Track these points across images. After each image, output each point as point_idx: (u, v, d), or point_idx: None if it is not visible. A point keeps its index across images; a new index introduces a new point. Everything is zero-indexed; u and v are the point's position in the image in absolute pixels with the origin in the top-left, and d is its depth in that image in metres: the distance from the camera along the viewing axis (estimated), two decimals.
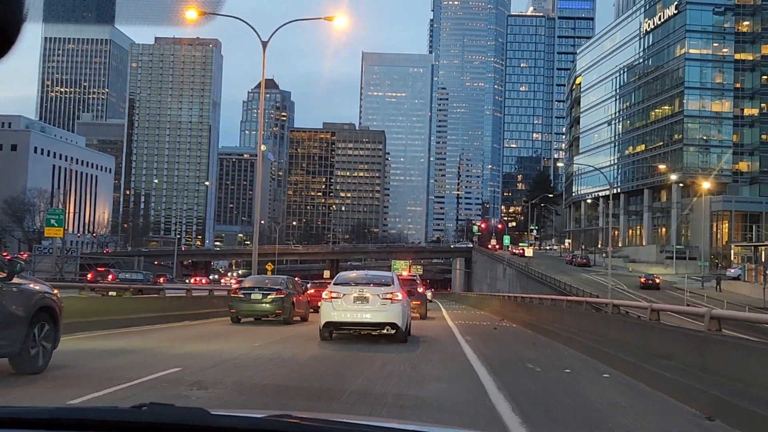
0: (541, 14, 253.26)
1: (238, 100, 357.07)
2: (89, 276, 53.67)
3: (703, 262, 62.31)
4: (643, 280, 63.71)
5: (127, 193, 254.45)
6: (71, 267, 74.01)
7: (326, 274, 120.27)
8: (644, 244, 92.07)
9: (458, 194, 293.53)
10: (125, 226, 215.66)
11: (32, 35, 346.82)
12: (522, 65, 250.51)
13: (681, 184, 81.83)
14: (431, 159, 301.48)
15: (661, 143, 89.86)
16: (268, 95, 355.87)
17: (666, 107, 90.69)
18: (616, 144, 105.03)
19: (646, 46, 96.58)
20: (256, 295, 21.49)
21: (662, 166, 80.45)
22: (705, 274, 63.18)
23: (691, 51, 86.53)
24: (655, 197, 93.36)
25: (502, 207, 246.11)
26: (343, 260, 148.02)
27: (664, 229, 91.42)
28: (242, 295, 21.78)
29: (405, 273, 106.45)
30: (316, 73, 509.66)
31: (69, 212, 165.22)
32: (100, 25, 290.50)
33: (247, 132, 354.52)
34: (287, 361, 11.65)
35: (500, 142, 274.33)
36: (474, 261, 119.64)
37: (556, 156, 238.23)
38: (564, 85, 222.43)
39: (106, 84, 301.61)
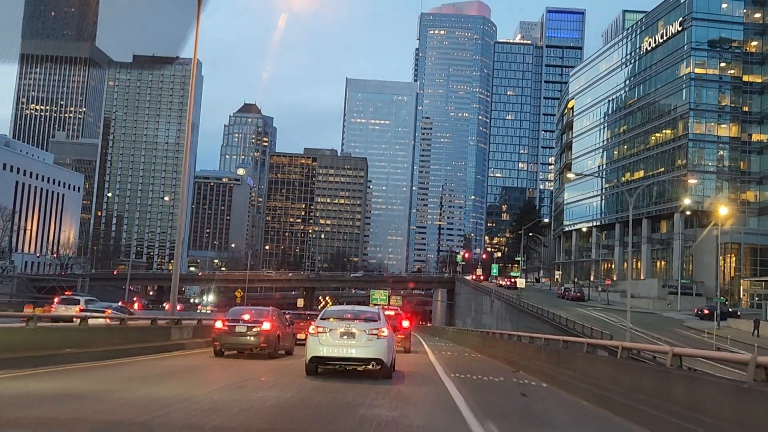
0: (529, 42, 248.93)
1: (219, 125, 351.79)
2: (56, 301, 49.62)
3: (719, 298, 55.39)
4: (706, 311, 57.18)
5: (99, 214, 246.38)
6: (8, 288, 66.18)
7: (300, 302, 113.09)
8: (642, 277, 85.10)
9: (440, 225, 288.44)
10: (95, 248, 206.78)
11: (9, 51, 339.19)
12: (509, 93, 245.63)
13: (688, 212, 75.04)
14: (414, 188, 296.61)
15: (663, 169, 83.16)
16: (250, 120, 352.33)
17: (668, 131, 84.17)
18: (612, 170, 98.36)
19: (645, 66, 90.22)
20: (241, 328, 20.49)
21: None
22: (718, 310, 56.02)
23: (697, 71, 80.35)
24: (654, 228, 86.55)
25: (486, 238, 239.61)
26: (319, 288, 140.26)
27: (663, 263, 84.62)
28: (227, 328, 20.54)
29: (384, 303, 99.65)
30: (300, 101, 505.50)
31: (30, 231, 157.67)
32: (80, 43, 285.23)
33: (227, 156, 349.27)
34: (254, 406, 10.08)
35: (483, 173, 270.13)
36: (457, 292, 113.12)
37: (542, 186, 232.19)
38: (552, 115, 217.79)
39: (83, 103, 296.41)
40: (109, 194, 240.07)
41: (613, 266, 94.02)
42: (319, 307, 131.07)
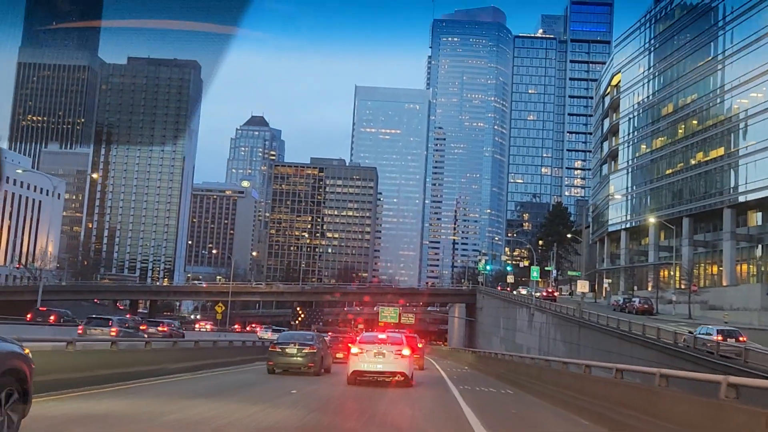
0: (552, 36, 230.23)
1: (227, 139, 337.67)
2: (28, 317, 51.25)
3: None
4: None
5: (90, 225, 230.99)
6: None
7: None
8: (725, 284, 65.63)
9: (454, 240, 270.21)
10: (86, 263, 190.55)
11: (7, 61, 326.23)
12: (530, 91, 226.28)
13: None
14: (426, 201, 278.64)
15: (754, 142, 63.72)
16: (257, 132, 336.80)
17: (757, 94, 64.56)
18: (676, 152, 78.69)
19: (726, 13, 70.66)
20: (291, 349, 24.49)
21: None
22: None
23: None
24: (739, 221, 66.99)
25: (506, 249, 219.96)
26: (317, 302, 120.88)
27: (752, 266, 65.19)
28: (279, 349, 24.69)
29: (393, 322, 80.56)
30: (309, 117, 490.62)
31: None
32: (81, 51, 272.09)
33: (234, 171, 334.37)
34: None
35: (500, 186, 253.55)
36: (479, 307, 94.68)
37: (567, 193, 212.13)
38: (579, 115, 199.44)
39: (81, 113, 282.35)
40: (98, 204, 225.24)
41: (677, 272, 74.04)
42: (313, 328, 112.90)
